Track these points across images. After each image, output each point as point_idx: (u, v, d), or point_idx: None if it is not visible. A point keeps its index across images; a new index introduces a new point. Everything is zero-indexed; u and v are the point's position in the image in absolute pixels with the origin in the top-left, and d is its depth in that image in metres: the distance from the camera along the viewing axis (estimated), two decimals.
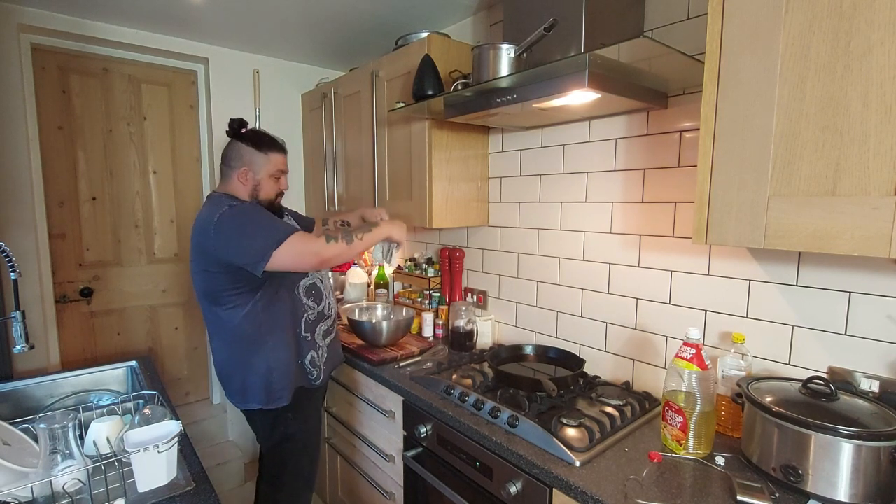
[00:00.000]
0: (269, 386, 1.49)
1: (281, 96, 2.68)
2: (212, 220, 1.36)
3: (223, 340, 1.51)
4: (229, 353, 1.51)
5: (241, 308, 1.45)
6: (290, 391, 1.52)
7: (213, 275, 1.42)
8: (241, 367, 1.49)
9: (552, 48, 1.31)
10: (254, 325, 1.46)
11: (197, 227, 1.42)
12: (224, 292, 1.44)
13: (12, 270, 1.28)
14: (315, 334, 1.60)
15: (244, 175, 1.49)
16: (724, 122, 0.97)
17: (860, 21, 0.79)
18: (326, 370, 1.65)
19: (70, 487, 0.98)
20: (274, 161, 1.52)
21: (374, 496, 1.83)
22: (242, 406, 1.54)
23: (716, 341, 1.35)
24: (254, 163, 1.49)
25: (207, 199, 1.51)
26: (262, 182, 1.51)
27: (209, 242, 1.37)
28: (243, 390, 1.51)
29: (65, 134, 2.19)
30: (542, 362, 1.66)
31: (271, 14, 2.02)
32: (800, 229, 0.87)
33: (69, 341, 2.24)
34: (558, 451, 1.14)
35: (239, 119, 1.52)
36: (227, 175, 1.52)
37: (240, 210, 1.39)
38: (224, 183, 1.53)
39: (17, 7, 1.95)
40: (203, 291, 1.48)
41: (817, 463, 0.95)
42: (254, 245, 1.34)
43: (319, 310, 1.61)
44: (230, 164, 1.51)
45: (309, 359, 1.58)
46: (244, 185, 1.50)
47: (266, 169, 1.51)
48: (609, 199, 1.59)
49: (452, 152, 1.88)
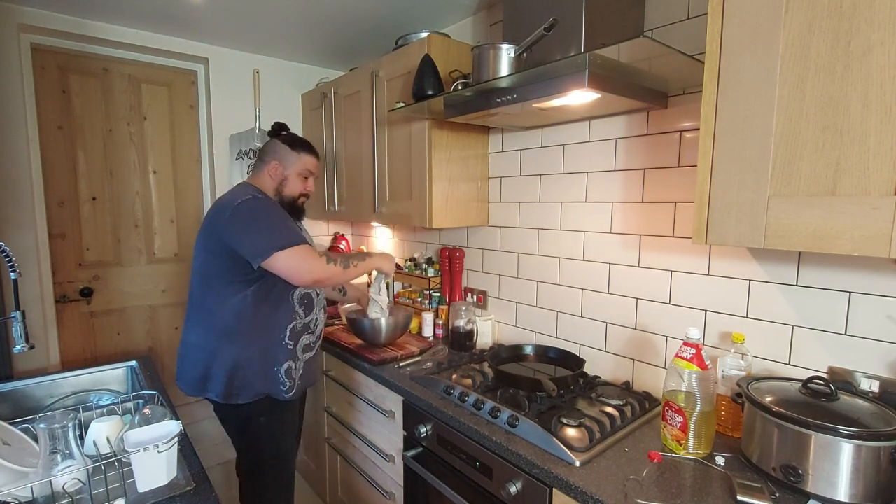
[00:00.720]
0: (231, 382, 1.46)
1: (281, 96, 2.68)
2: (232, 203, 1.42)
3: (201, 324, 1.49)
4: (203, 339, 1.48)
5: (230, 297, 1.45)
6: (251, 393, 1.48)
7: (214, 256, 1.44)
8: (211, 355, 1.46)
9: (552, 48, 1.31)
10: (237, 317, 1.45)
11: (217, 205, 1.48)
12: (219, 277, 1.45)
13: (12, 270, 1.28)
14: (297, 345, 1.56)
15: (274, 169, 1.57)
16: (724, 122, 0.97)
17: (860, 21, 0.79)
18: (301, 386, 1.59)
19: (70, 487, 0.98)
20: (304, 161, 1.60)
21: (374, 496, 1.83)
22: (197, 394, 1.51)
23: (716, 341, 1.35)
24: (285, 159, 1.57)
25: (236, 186, 1.56)
26: (290, 178, 1.58)
27: (222, 223, 1.42)
28: (205, 378, 1.48)
29: (65, 134, 2.19)
30: (542, 362, 1.66)
31: (271, 14, 2.02)
32: (800, 229, 0.87)
33: (69, 341, 2.24)
34: (558, 451, 1.14)
35: (281, 123, 1.65)
36: (259, 168, 1.60)
37: (261, 203, 1.44)
38: (254, 175, 1.61)
39: (17, 7, 1.95)
40: (200, 271, 1.49)
41: (817, 463, 0.95)
42: (259, 239, 1.37)
43: (306, 321, 1.58)
44: (263, 158, 1.59)
45: (285, 368, 1.52)
46: (272, 179, 1.57)
47: (296, 167, 1.58)
48: (609, 199, 1.59)
49: (452, 152, 1.88)
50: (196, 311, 1.51)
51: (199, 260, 1.50)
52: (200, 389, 1.51)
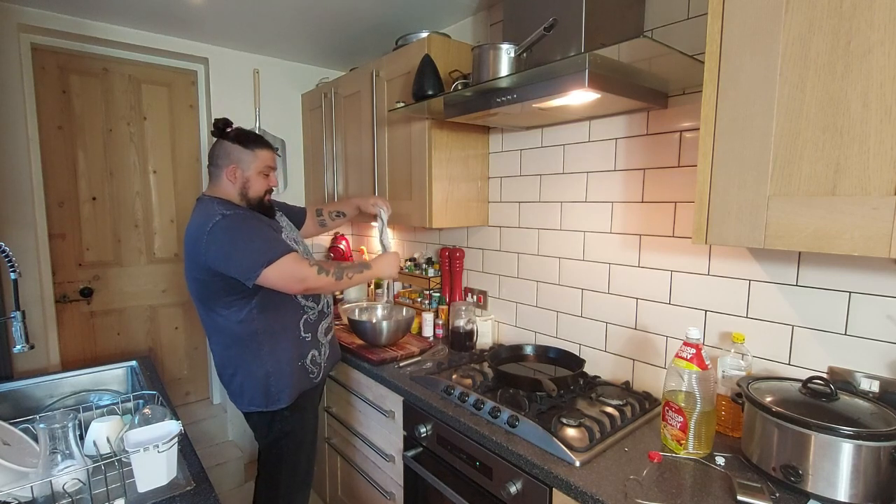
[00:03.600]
0: (267, 389, 1.49)
1: (281, 96, 2.68)
2: (204, 230, 1.35)
3: (219, 344, 1.51)
4: (227, 356, 1.50)
5: (238, 313, 1.44)
6: (288, 393, 1.51)
7: (206, 282, 1.41)
8: (239, 370, 1.49)
9: (552, 48, 1.31)
10: (249, 330, 1.45)
11: (189, 234, 1.41)
12: (219, 299, 1.43)
13: (12, 270, 1.28)
14: (317, 333, 1.60)
15: (232, 173, 1.48)
16: (724, 122, 0.97)
17: (860, 21, 0.79)
18: (326, 367, 1.66)
19: (70, 487, 0.99)
20: (261, 157, 1.51)
21: (374, 496, 1.83)
22: (242, 408, 1.54)
23: (716, 341, 1.35)
24: (241, 160, 1.48)
25: (198, 204, 1.48)
26: (251, 179, 1.50)
27: (201, 250, 1.36)
28: (241, 393, 1.51)
29: (65, 134, 2.19)
30: (542, 362, 1.66)
31: (271, 14, 2.02)
32: (800, 229, 0.87)
33: (69, 341, 2.24)
34: (558, 450, 1.14)
35: (224, 119, 1.50)
36: (216, 175, 1.51)
37: (232, 220, 1.37)
38: (213, 184, 1.52)
39: (17, 7, 1.95)
40: (198, 297, 1.48)
41: (817, 463, 0.95)
42: (245, 260, 1.33)
43: (319, 309, 1.61)
44: (217, 164, 1.50)
45: (310, 358, 1.57)
46: (233, 184, 1.49)
47: (255, 165, 1.50)
48: (609, 199, 1.59)
49: (452, 152, 1.88)
50: (212, 332, 1.52)
51: (193, 288, 1.47)
52: (242, 403, 1.53)
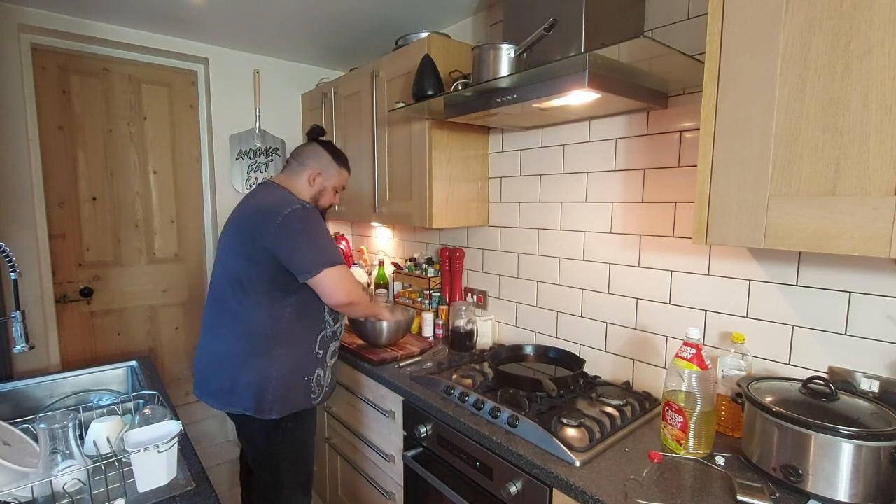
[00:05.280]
0: (262, 394, 1.41)
1: (281, 96, 2.68)
2: (279, 213, 1.36)
3: (231, 332, 1.43)
4: (233, 348, 1.42)
5: (269, 306, 1.40)
6: (281, 407, 1.44)
7: (254, 263, 1.38)
8: (240, 365, 1.41)
9: (552, 48, 1.31)
10: (274, 325, 1.41)
11: (254, 212, 1.41)
12: (258, 283, 1.39)
13: (12, 270, 1.28)
14: (327, 353, 1.56)
15: (315, 177, 1.54)
16: (724, 122, 0.97)
17: (860, 21, 0.79)
18: (327, 392, 1.59)
19: (70, 487, 0.98)
20: (343, 176, 1.61)
21: (374, 496, 1.83)
22: (223, 408, 1.45)
23: (716, 341, 1.35)
24: (327, 169, 1.56)
25: (266, 187, 1.50)
26: (327, 190, 1.58)
27: (269, 232, 1.35)
28: (231, 390, 1.41)
29: (65, 134, 2.19)
30: (542, 362, 1.66)
31: (271, 14, 2.02)
32: (800, 229, 0.87)
33: (69, 341, 2.24)
34: (558, 451, 1.14)
35: (321, 127, 1.63)
36: (296, 171, 1.54)
37: (310, 215, 1.40)
38: (289, 177, 1.54)
39: (17, 7, 1.95)
40: (235, 275, 1.41)
41: (817, 463, 0.95)
42: (311, 255, 1.36)
43: (335, 329, 1.58)
44: (304, 162, 1.54)
45: (315, 377, 1.52)
46: (311, 187, 1.54)
47: (335, 180, 1.58)
48: (609, 199, 1.59)
49: (452, 152, 1.88)
50: (227, 318, 1.44)
51: (234, 264, 1.41)
52: (225, 403, 1.44)
